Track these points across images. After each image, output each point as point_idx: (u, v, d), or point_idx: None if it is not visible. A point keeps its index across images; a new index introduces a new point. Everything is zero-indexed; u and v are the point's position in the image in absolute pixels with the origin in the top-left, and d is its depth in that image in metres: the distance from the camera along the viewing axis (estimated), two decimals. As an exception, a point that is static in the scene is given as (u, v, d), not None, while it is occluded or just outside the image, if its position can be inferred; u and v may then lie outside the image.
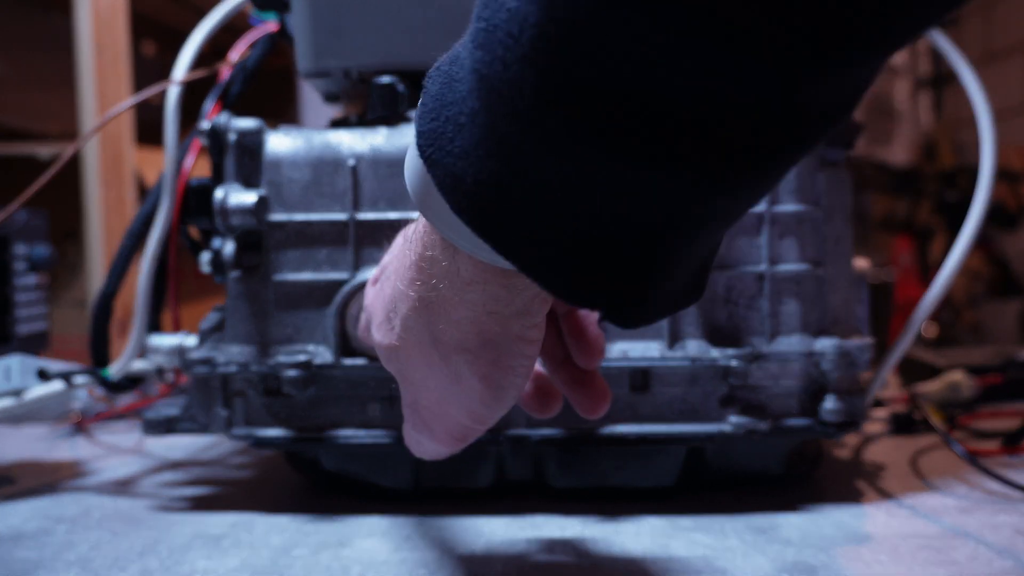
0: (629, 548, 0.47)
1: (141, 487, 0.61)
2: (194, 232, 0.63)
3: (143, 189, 1.57)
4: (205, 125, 0.55)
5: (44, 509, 0.56)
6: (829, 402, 0.53)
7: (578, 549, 0.47)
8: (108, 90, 1.51)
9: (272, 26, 0.63)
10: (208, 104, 0.61)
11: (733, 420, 0.52)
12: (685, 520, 0.51)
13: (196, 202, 0.58)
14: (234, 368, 0.54)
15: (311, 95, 1.42)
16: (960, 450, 0.58)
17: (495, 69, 0.27)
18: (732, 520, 0.51)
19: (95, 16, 1.49)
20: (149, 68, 1.68)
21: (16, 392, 0.77)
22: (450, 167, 0.30)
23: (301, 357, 0.53)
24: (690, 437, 0.53)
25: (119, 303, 0.65)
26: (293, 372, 0.52)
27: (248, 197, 0.53)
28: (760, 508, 0.52)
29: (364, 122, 0.56)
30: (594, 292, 0.31)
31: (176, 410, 0.55)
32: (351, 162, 0.54)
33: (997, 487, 0.55)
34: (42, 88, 1.60)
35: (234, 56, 0.63)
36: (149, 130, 1.61)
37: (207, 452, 0.70)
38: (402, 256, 0.37)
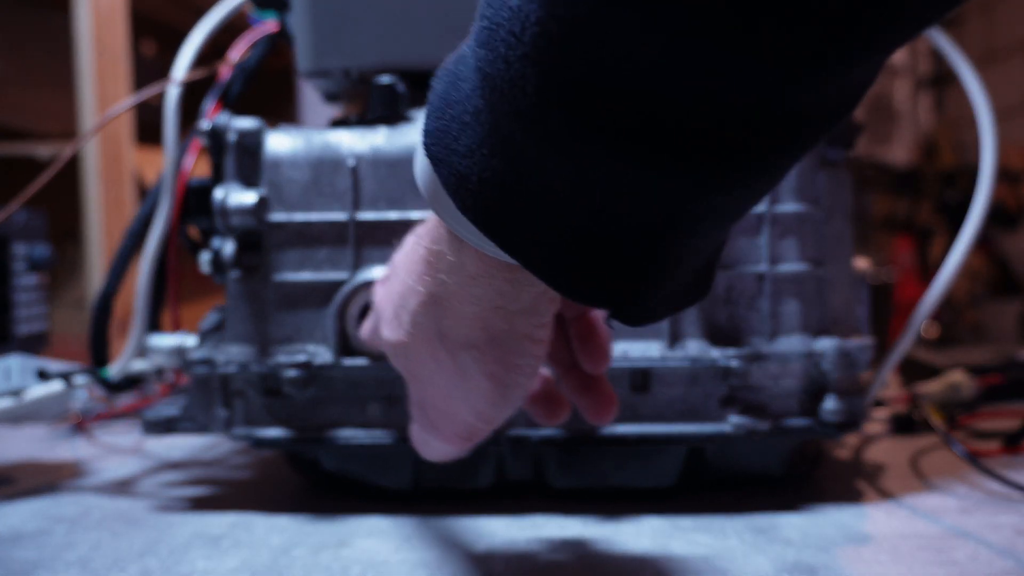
0: (629, 548, 0.47)
1: (141, 487, 0.61)
2: (194, 232, 0.63)
3: (143, 189, 1.57)
4: (205, 125, 0.55)
5: (44, 509, 0.56)
6: (829, 402, 0.53)
7: (578, 549, 0.47)
8: (108, 90, 1.51)
9: (272, 26, 0.63)
10: (208, 104, 0.61)
11: (733, 420, 0.52)
12: (685, 520, 0.51)
13: (196, 202, 0.58)
14: (234, 368, 0.54)
15: (311, 95, 1.42)
16: (960, 450, 0.57)
17: (498, 68, 0.27)
18: (732, 520, 0.51)
19: (95, 16, 1.49)
20: (149, 68, 1.67)
21: (16, 392, 0.77)
22: (455, 165, 0.30)
23: (301, 357, 0.52)
24: (690, 437, 0.53)
25: (119, 303, 0.65)
26: (293, 372, 0.52)
27: (248, 197, 0.53)
28: (760, 508, 0.52)
29: (364, 122, 0.56)
30: (597, 289, 0.31)
31: (176, 410, 0.55)
32: (351, 162, 0.53)
33: (997, 487, 0.55)
34: (42, 88, 1.59)
35: (234, 56, 0.63)
36: (149, 130, 1.61)
37: (207, 452, 0.70)
38: (412, 252, 0.38)
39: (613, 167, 0.27)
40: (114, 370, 0.64)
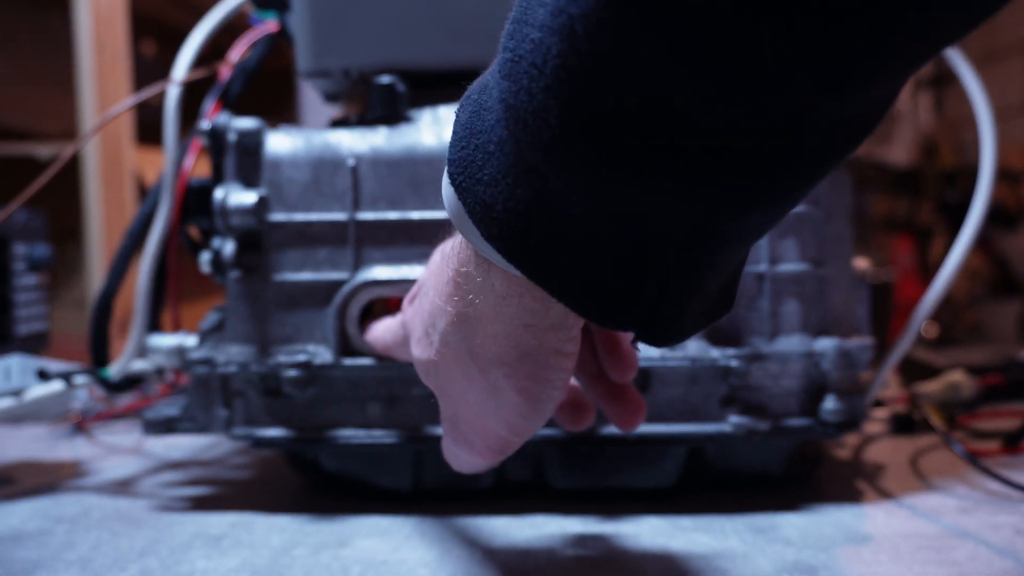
0: (629, 548, 0.47)
1: (141, 487, 0.61)
2: (194, 232, 0.63)
3: (143, 189, 1.57)
4: (205, 125, 0.55)
5: (44, 509, 0.56)
6: (829, 402, 0.53)
7: (578, 549, 0.47)
8: (108, 90, 1.51)
9: (272, 26, 0.63)
10: (208, 104, 0.61)
11: (733, 420, 0.52)
12: (685, 520, 0.51)
13: (196, 202, 0.58)
14: (234, 368, 0.54)
15: (311, 95, 1.42)
16: (960, 450, 0.57)
17: (521, 99, 0.28)
18: (732, 520, 0.51)
19: (95, 16, 1.49)
20: (149, 68, 1.68)
21: (16, 392, 0.77)
22: (480, 195, 0.31)
23: (301, 357, 0.53)
24: (690, 437, 0.53)
25: (119, 303, 0.65)
26: (293, 372, 0.52)
27: (248, 197, 0.53)
28: (760, 508, 0.52)
29: (364, 122, 0.56)
30: (626, 315, 0.31)
31: (176, 410, 0.55)
32: (351, 162, 0.54)
33: (997, 487, 0.55)
34: (42, 88, 1.59)
35: (234, 56, 0.63)
36: (149, 130, 1.61)
37: (207, 452, 0.70)
38: (440, 272, 0.38)
39: (639, 196, 0.28)
40: (114, 370, 0.64)
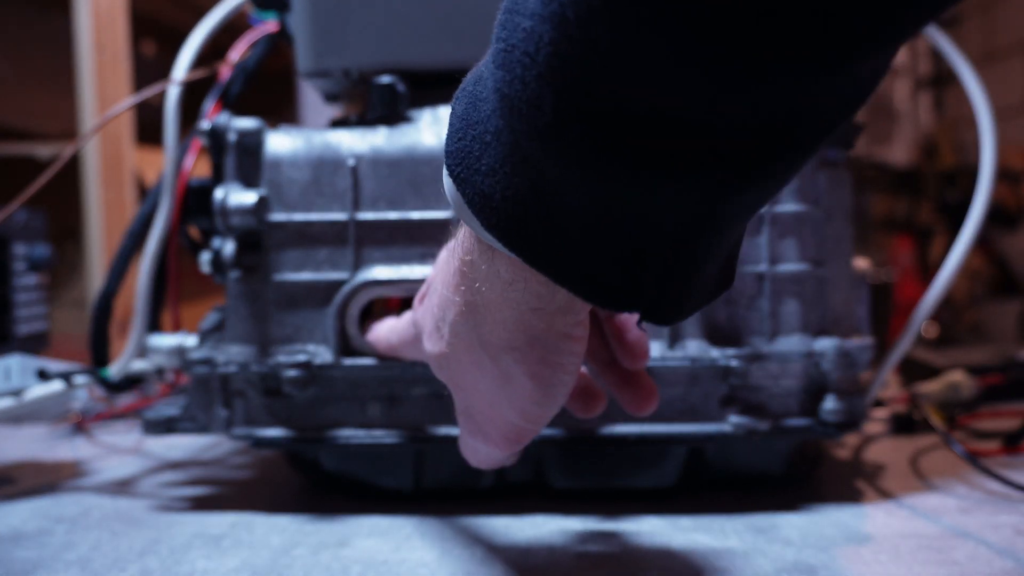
0: (629, 548, 0.47)
1: (141, 487, 0.61)
2: (194, 232, 0.63)
3: (143, 189, 1.57)
4: (205, 125, 0.55)
5: (44, 509, 0.56)
6: (829, 402, 0.53)
7: (578, 549, 0.47)
8: (108, 90, 1.51)
9: (272, 26, 0.63)
10: (208, 104, 0.61)
11: (733, 420, 0.52)
12: (685, 520, 0.51)
13: (196, 202, 0.58)
14: (234, 368, 0.54)
15: (311, 95, 1.42)
16: (960, 450, 0.57)
17: (515, 88, 0.28)
18: (732, 520, 0.51)
19: (95, 16, 1.49)
20: (149, 68, 1.68)
21: (16, 392, 0.77)
22: (478, 185, 0.31)
23: (301, 357, 0.53)
24: (690, 437, 0.53)
25: (119, 303, 0.65)
26: (293, 372, 0.52)
27: (248, 197, 0.53)
28: (760, 508, 0.52)
29: (364, 122, 0.56)
30: (628, 296, 0.32)
31: (176, 410, 0.55)
32: (351, 162, 0.54)
33: (997, 487, 0.55)
34: (42, 88, 1.59)
35: (234, 56, 0.63)
36: (149, 130, 1.61)
37: (207, 452, 0.70)
38: (446, 266, 0.38)
39: (635, 180, 0.28)
40: (114, 370, 0.64)
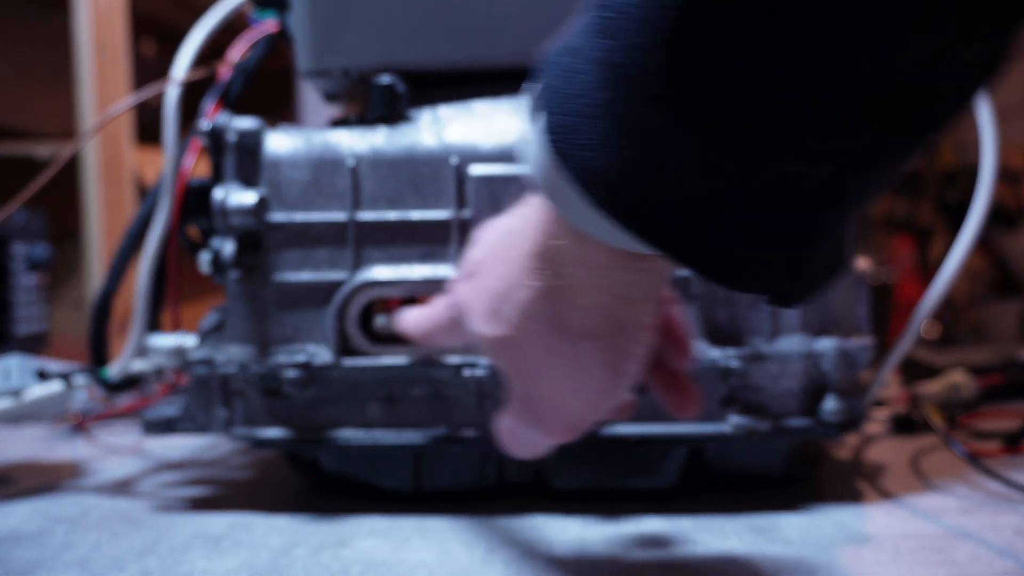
0: (629, 548, 0.47)
1: (141, 487, 0.61)
2: (194, 232, 0.63)
3: (143, 189, 1.57)
4: (205, 125, 0.55)
5: (44, 509, 0.56)
6: (829, 402, 0.53)
7: (578, 549, 0.47)
8: (108, 90, 1.51)
9: (272, 26, 0.63)
10: (208, 104, 0.61)
11: (733, 420, 0.52)
12: (685, 520, 0.51)
13: (196, 202, 0.58)
14: (234, 368, 0.54)
15: (311, 95, 1.42)
16: (960, 450, 0.57)
17: (630, 57, 0.27)
18: (732, 520, 0.51)
19: (95, 16, 1.49)
20: (149, 68, 1.67)
21: (16, 392, 0.77)
22: (585, 160, 0.30)
23: (301, 357, 0.52)
24: (690, 437, 0.53)
25: (119, 303, 0.65)
26: (293, 372, 0.52)
27: (248, 197, 0.53)
28: (760, 508, 0.52)
29: (364, 122, 0.56)
30: (755, 275, 0.31)
31: (176, 410, 0.55)
32: (351, 162, 0.53)
33: (998, 487, 0.55)
34: (41, 88, 1.59)
35: (234, 56, 0.63)
36: (149, 130, 1.61)
37: (207, 452, 0.70)
38: (508, 247, 0.37)
39: (766, 152, 0.27)
40: (114, 370, 0.64)
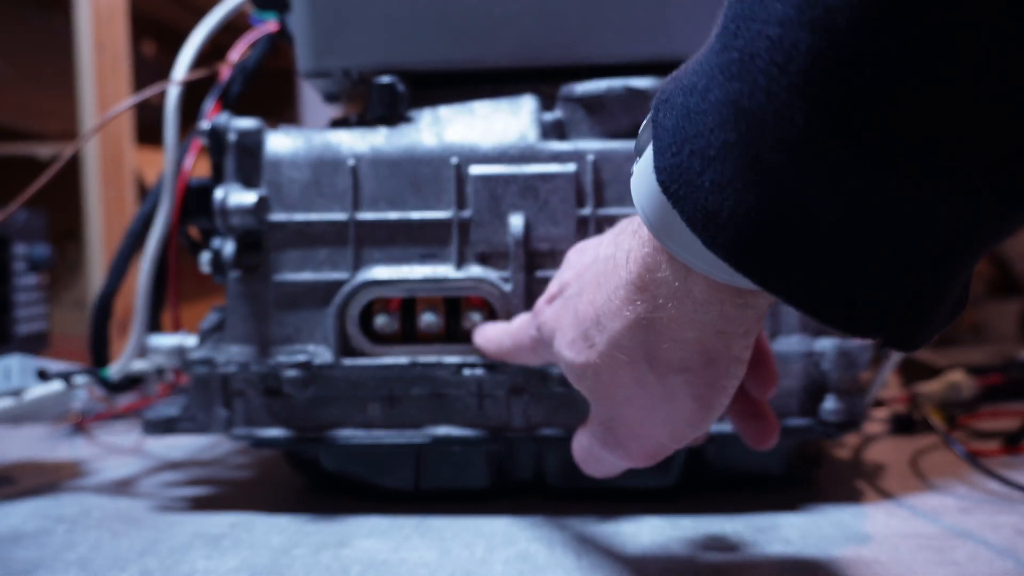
0: (629, 548, 0.47)
1: (141, 487, 0.61)
2: (194, 232, 0.63)
3: (143, 189, 1.57)
4: (205, 125, 0.55)
5: (44, 509, 0.56)
6: (829, 402, 0.53)
7: (578, 549, 0.47)
8: (108, 90, 1.51)
9: (272, 26, 0.63)
10: (208, 104, 0.61)
11: (733, 420, 0.52)
12: (685, 520, 0.51)
13: (196, 202, 0.58)
14: (234, 368, 0.54)
15: (311, 95, 1.42)
16: (960, 450, 0.57)
17: (757, 100, 0.27)
18: (732, 520, 0.51)
19: (95, 16, 1.49)
20: (149, 68, 1.68)
21: (16, 392, 0.77)
22: (700, 202, 0.30)
23: (301, 357, 0.52)
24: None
25: (119, 303, 0.65)
26: (293, 372, 0.52)
27: (248, 197, 0.53)
28: (760, 508, 0.52)
29: (364, 122, 0.56)
30: (876, 321, 0.30)
31: (176, 410, 0.55)
32: (351, 162, 0.54)
33: (997, 487, 0.55)
34: (42, 88, 1.60)
35: (234, 56, 0.63)
36: (149, 130, 1.61)
37: (207, 452, 0.70)
38: (602, 273, 0.37)
39: (896, 196, 0.26)
40: (114, 370, 0.64)
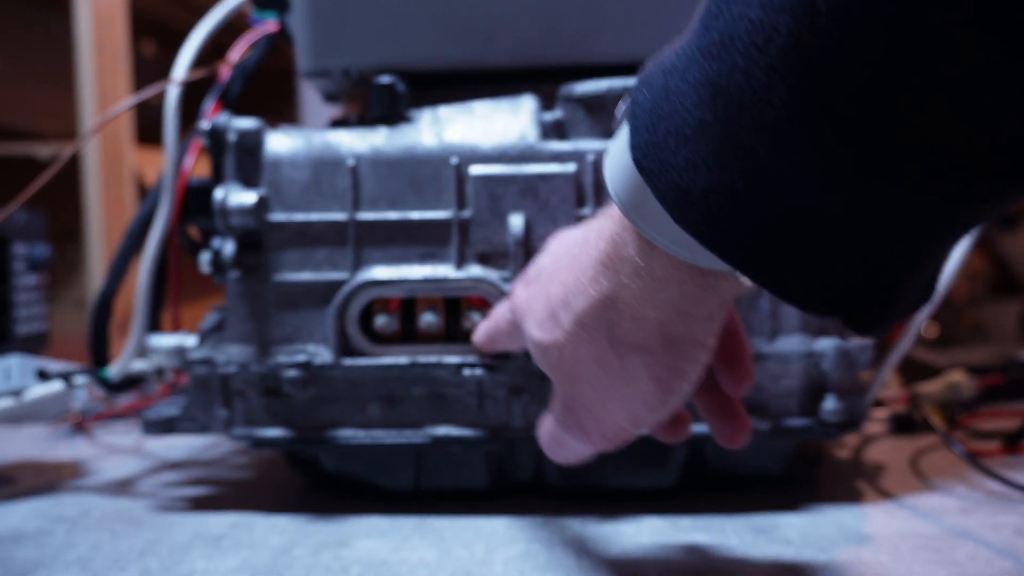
0: (629, 548, 0.47)
1: (141, 487, 0.61)
2: (194, 232, 0.63)
3: (143, 189, 1.57)
4: (205, 125, 0.55)
5: (44, 509, 0.56)
6: (829, 402, 0.53)
7: (578, 549, 0.47)
8: (108, 90, 1.51)
9: (272, 26, 0.63)
10: (208, 104, 0.61)
11: (733, 420, 0.52)
12: (685, 520, 0.51)
13: (196, 202, 0.58)
14: (234, 368, 0.54)
15: (311, 95, 1.42)
16: (960, 450, 0.57)
17: (735, 81, 0.27)
18: (732, 520, 0.51)
19: (95, 16, 1.49)
20: (149, 68, 1.68)
21: (16, 392, 0.77)
22: (674, 179, 0.30)
23: (301, 357, 0.52)
24: (690, 437, 0.52)
25: (119, 303, 0.65)
26: (293, 372, 0.52)
27: (248, 197, 0.53)
28: (760, 508, 0.52)
29: (364, 122, 0.56)
30: (838, 302, 0.30)
31: (176, 410, 0.55)
32: (351, 162, 0.54)
33: (997, 487, 0.55)
34: (42, 88, 1.60)
35: (234, 56, 0.63)
36: (149, 130, 1.61)
37: (207, 452, 0.70)
38: (577, 255, 0.37)
39: (866, 185, 0.27)
40: (114, 370, 0.64)
